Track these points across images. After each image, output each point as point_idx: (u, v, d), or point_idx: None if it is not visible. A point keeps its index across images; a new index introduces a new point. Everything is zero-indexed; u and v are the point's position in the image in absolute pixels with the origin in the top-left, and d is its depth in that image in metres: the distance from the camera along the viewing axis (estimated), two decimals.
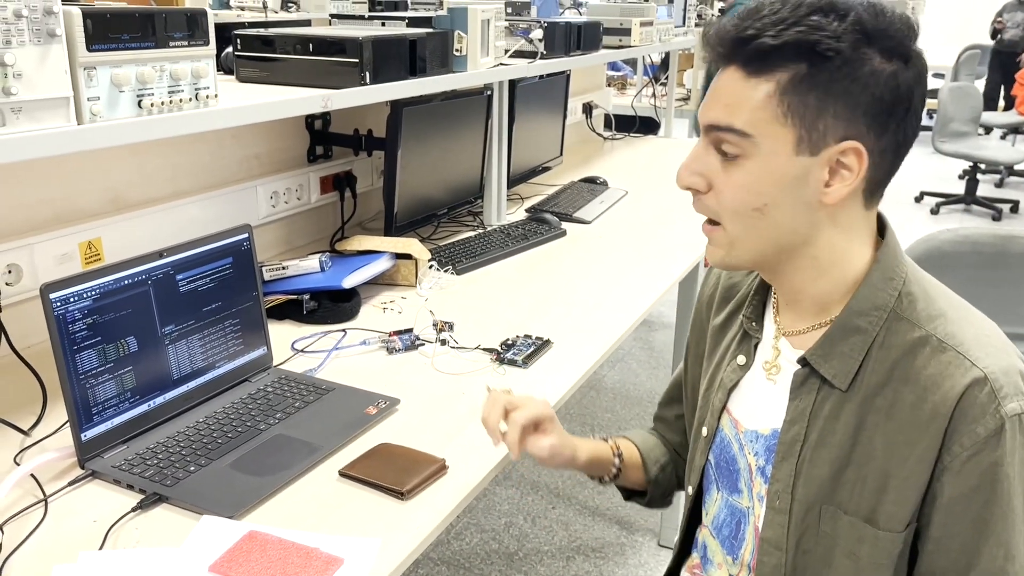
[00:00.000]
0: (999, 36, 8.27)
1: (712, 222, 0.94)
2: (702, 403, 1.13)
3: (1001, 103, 8.38)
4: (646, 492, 1.28)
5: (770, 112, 0.86)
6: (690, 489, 1.16)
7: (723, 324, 1.12)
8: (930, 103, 8.07)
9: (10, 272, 1.41)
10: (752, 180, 0.88)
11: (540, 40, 2.37)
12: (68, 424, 1.11)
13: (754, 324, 1.05)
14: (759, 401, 1.03)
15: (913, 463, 0.88)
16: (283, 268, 1.69)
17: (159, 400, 1.22)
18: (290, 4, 2.90)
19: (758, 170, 0.88)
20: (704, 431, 1.11)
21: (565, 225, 2.32)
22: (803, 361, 0.96)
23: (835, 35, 0.83)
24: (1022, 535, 0.87)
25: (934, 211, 6.36)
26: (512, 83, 2.37)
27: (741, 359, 1.06)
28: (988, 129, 7.69)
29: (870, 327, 0.92)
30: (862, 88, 0.84)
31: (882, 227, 0.97)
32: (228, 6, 2.72)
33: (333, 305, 1.66)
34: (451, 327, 1.60)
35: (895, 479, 0.90)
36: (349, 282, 1.67)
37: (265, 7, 2.38)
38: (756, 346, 1.05)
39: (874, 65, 0.84)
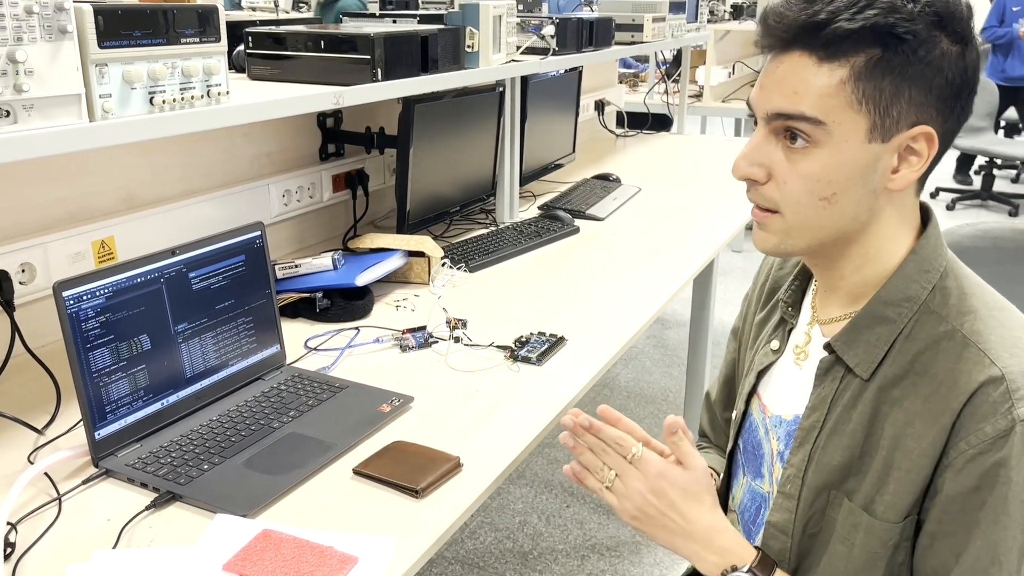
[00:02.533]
0: None
1: (766, 209, 0.90)
2: (739, 391, 1.13)
3: None
4: None
5: (844, 99, 0.83)
6: (719, 477, 1.15)
7: (765, 316, 1.11)
8: None
9: (24, 271, 1.41)
10: (821, 169, 0.85)
11: (552, 36, 2.36)
12: (81, 423, 1.11)
13: (790, 309, 1.04)
14: (786, 386, 1.02)
15: (917, 456, 0.87)
16: (296, 266, 1.69)
17: (172, 398, 1.22)
18: (301, 3, 2.89)
19: (828, 159, 0.85)
20: (734, 414, 1.11)
21: (578, 222, 2.31)
22: (828, 347, 0.94)
23: (910, 17, 0.81)
24: (1015, 541, 0.84)
25: (950, 207, 6.31)
26: (524, 80, 2.35)
27: (775, 344, 1.05)
28: (1011, 129, 7.53)
29: (899, 318, 0.90)
30: (936, 71, 0.83)
31: (925, 217, 0.94)
32: (240, 6, 2.72)
33: (346, 303, 1.65)
34: (464, 324, 1.59)
35: (897, 470, 0.88)
36: (362, 280, 1.66)
37: (276, 6, 2.38)
38: (790, 332, 1.04)
39: (943, 47, 0.83)
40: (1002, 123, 7.31)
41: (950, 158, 7.25)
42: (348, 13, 2.37)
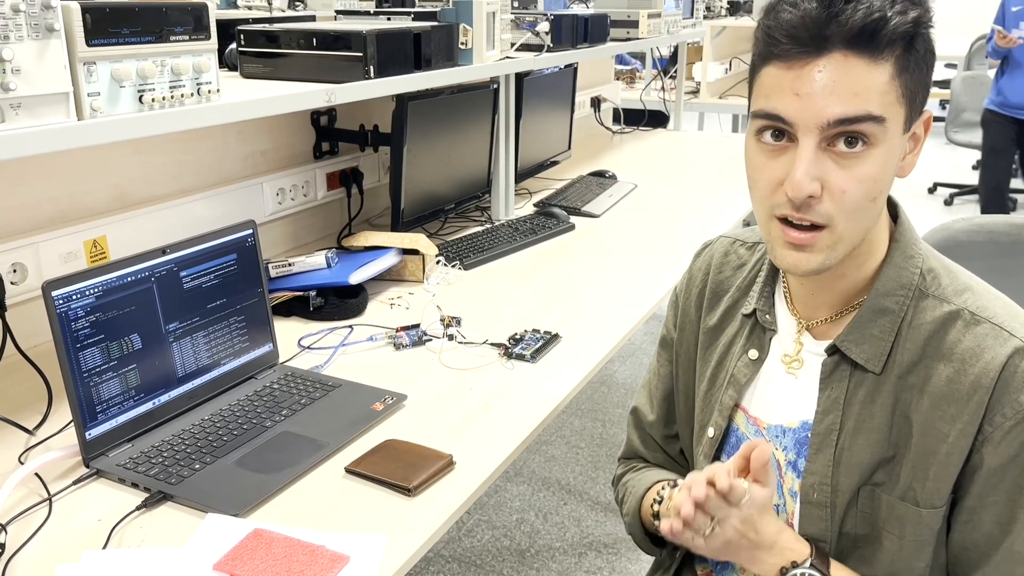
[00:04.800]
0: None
1: (815, 226, 0.85)
2: (702, 405, 1.09)
3: None
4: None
5: (894, 94, 0.83)
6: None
7: (718, 323, 1.08)
8: (943, 93, 8.00)
9: (15, 271, 1.40)
10: (878, 169, 0.84)
11: (547, 33, 2.35)
12: (72, 423, 1.11)
13: (768, 317, 1.02)
14: (780, 395, 1.00)
15: (955, 438, 0.87)
16: (289, 265, 1.68)
17: (164, 398, 1.21)
18: (297, 2, 2.89)
19: (883, 157, 0.84)
20: (710, 432, 1.06)
21: (574, 219, 2.30)
22: (832, 349, 0.94)
23: (927, 8, 0.84)
24: None
25: (948, 202, 6.30)
26: (519, 76, 2.35)
27: (753, 353, 1.02)
28: None
29: (897, 307, 0.91)
30: (933, 56, 0.86)
31: (892, 207, 0.96)
32: (236, 5, 2.71)
33: (340, 301, 1.65)
34: (459, 322, 1.58)
35: (936, 455, 0.88)
36: (356, 278, 1.66)
37: (270, 4, 2.37)
38: (771, 339, 1.02)
39: (931, 33, 0.86)
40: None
41: (966, 156, 7.25)
42: None
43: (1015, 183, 6.80)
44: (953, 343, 0.88)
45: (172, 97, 1.20)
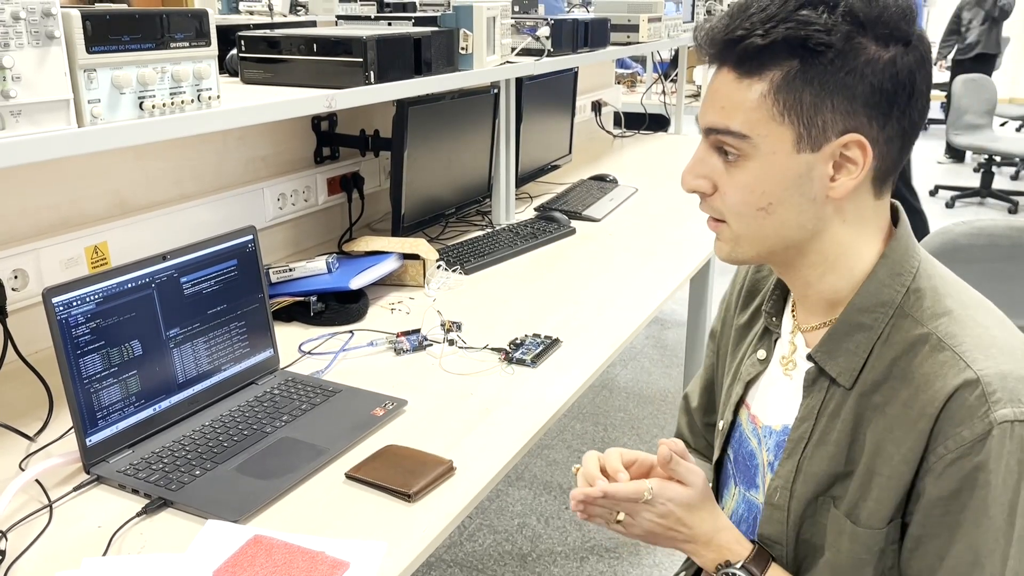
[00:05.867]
0: (957, 42, 7.14)
1: (718, 219, 0.93)
2: (724, 398, 1.13)
3: None
4: None
5: (765, 112, 0.84)
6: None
7: (747, 321, 1.11)
8: (940, 95, 7.99)
9: (16, 277, 1.41)
10: (755, 180, 0.87)
11: (547, 37, 2.35)
12: (73, 429, 1.11)
13: (774, 319, 1.03)
14: (776, 397, 1.02)
15: (898, 462, 0.86)
16: (290, 270, 1.68)
17: (164, 404, 1.21)
18: (299, 7, 2.89)
19: (760, 170, 0.86)
20: (720, 424, 1.10)
21: (574, 223, 2.30)
22: (811, 358, 0.94)
23: (826, 28, 0.81)
24: (997, 544, 0.83)
25: (949, 205, 6.30)
26: (519, 81, 2.35)
27: (761, 353, 1.04)
28: None
29: (875, 324, 0.89)
30: (859, 79, 0.82)
31: (896, 218, 0.94)
32: (237, 10, 2.71)
33: (340, 306, 1.65)
34: (459, 327, 1.58)
35: (879, 477, 0.88)
36: (356, 283, 1.66)
37: (270, 9, 2.38)
38: (776, 341, 1.03)
39: (870, 54, 0.82)
40: None
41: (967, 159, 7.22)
42: None
43: (1016, 185, 6.80)
44: (916, 367, 0.86)
45: (172, 104, 1.20)
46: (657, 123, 3.94)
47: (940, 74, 7.64)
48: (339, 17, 2.26)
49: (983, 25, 6.92)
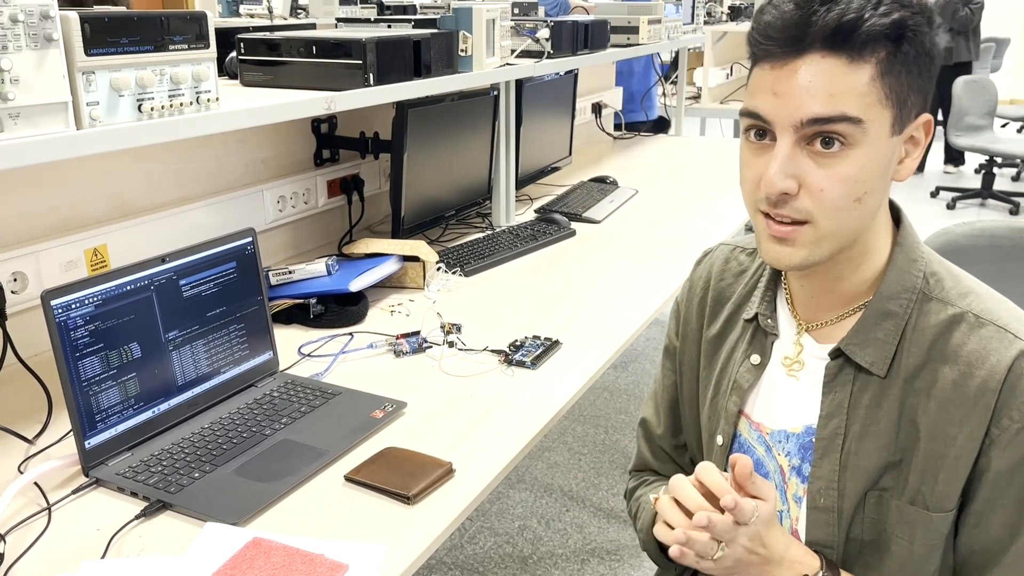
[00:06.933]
0: None
1: (796, 222, 0.87)
2: (710, 413, 1.09)
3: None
4: None
5: (875, 95, 0.83)
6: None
7: (720, 331, 1.08)
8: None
9: (15, 280, 1.40)
10: (858, 170, 0.84)
11: (547, 39, 2.35)
12: (72, 432, 1.10)
13: (770, 321, 1.02)
14: (783, 400, 1.00)
15: (963, 441, 0.87)
16: (290, 272, 1.68)
17: (163, 407, 1.21)
18: (299, 10, 2.89)
19: (864, 158, 0.84)
20: (719, 440, 1.06)
21: (575, 225, 2.30)
22: (836, 353, 0.94)
23: (919, 10, 0.84)
24: None
25: (950, 206, 6.29)
26: (519, 83, 2.35)
27: (756, 358, 1.02)
28: None
29: (901, 310, 0.91)
30: (931, 60, 0.85)
31: (895, 211, 0.96)
32: (237, 13, 2.72)
33: (340, 309, 1.65)
34: (459, 329, 1.58)
35: (945, 459, 0.89)
36: (356, 285, 1.66)
37: (270, 12, 2.38)
38: (773, 343, 1.02)
39: (932, 36, 0.85)
40: None
41: (968, 160, 7.24)
42: None
43: (1017, 186, 6.80)
44: (958, 346, 0.88)
45: (171, 106, 1.20)
46: (657, 125, 3.95)
47: None
48: (339, 20, 2.27)
49: (947, 34, 7.02)
